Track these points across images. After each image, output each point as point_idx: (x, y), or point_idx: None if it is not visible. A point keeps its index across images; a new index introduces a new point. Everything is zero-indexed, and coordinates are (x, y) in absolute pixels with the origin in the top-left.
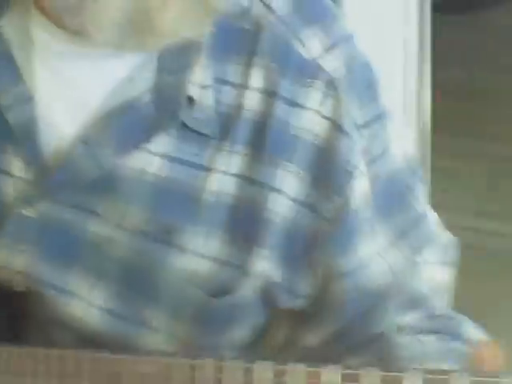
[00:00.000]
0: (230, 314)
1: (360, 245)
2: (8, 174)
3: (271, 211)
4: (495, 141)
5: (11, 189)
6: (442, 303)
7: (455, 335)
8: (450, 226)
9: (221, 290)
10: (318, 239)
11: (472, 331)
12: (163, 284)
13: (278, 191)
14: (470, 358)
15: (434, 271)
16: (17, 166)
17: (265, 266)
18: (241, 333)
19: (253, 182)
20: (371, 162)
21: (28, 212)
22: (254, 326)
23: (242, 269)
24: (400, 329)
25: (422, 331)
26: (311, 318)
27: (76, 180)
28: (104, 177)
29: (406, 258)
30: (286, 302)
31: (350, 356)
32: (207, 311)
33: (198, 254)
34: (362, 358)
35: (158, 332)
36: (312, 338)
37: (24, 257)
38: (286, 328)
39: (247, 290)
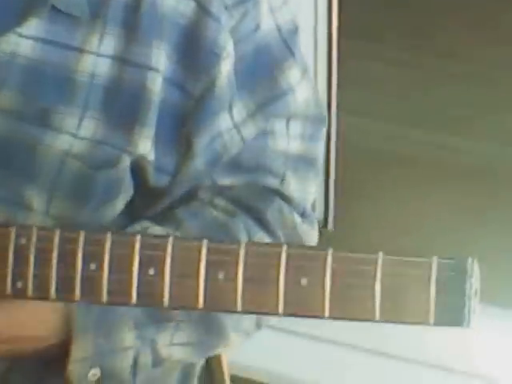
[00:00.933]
0: (110, 189)
1: (217, 125)
2: None
3: (151, 90)
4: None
5: None
6: (292, 173)
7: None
8: (354, 129)
9: (100, 166)
10: (184, 117)
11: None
12: (40, 162)
13: (156, 70)
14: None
15: (292, 144)
16: None
17: (147, 144)
18: (116, 210)
19: (129, 63)
20: (240, 40)
21: None
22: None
23: (122, 148)
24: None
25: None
26: (161, 193)
27: None
28: None
29: (261, 130)
30: (156, 180)
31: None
32: (87, 184)
33: (73, 134)
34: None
35: (36, 213)
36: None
37: None
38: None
39: (126, 166)
